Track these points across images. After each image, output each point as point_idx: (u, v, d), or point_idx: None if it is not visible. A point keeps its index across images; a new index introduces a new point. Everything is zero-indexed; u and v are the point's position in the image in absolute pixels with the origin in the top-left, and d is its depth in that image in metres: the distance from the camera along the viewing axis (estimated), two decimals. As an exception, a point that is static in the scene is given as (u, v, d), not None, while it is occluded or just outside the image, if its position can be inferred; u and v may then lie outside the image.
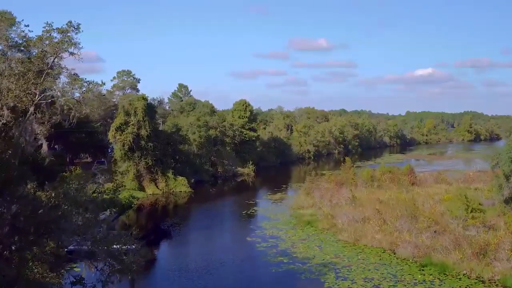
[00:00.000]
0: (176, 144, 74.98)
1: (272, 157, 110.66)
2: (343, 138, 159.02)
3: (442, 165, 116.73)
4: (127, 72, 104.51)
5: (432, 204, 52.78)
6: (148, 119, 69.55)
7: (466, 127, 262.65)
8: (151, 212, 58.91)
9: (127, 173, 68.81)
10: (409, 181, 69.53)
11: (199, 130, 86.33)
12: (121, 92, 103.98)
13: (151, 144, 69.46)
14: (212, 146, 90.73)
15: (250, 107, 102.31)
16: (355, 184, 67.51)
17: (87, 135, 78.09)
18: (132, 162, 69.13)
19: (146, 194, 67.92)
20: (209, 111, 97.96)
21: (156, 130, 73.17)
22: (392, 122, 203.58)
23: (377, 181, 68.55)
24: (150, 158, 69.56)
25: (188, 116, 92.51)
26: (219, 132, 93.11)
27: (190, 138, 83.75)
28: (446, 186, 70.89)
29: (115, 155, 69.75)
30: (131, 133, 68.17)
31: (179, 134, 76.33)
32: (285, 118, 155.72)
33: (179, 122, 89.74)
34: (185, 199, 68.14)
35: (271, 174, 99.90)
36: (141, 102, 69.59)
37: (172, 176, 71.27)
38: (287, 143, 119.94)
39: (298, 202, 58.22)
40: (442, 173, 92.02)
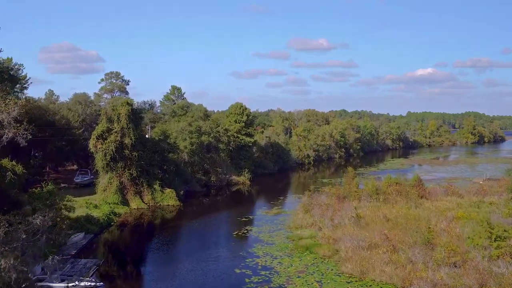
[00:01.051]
0: (164, 153, 69.05)
1: (269, 163, 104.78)
2: (344, 142, 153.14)
3: (448, 172, 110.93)
4: (116, 73, 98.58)
5: (446, 225, 47.06)
6: (132, 126, 63.68)
7: (469, 129, 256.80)
8: (133, 232, 52.98)
9: (109, 185, 62.90)
10: (417, 194, 63.72)
11: (191, 136, 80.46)
12: (109, 95, 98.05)
13: (135, 153, 63.62)
14: (205, 153, 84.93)
15: (247, 111, 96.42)
16: (359, 198, 61.82)
17: (68, 143, 72.06)
18: (115, 174, 63.27)
19: (130, 209, 62.02)
20: (202, 115, 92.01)
21: (142, 138, 67.28)
22: (394, 124, 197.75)
23: (383, 194, 62.70)
24: (134, 169, 63.72)
25: (180, 121, 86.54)
26: (213, 138, 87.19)
27: (181, 146, 77.89)
28: (457, 198, 65.30)
29: (96, 165, 63.88)
30: (113, 141, 62.34)
31: (167, 142, 70.34)
32: (284, 121, 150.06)
33: (169, 127, 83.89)
34: (172, 214, 62.29)
35: (268, 183, 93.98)
36: (125, 107, 63.70)
37: (159, 188, 65.40)
38: (286, 148, 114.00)
39: (295, 220, 52.36)
40: (452, 183, 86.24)
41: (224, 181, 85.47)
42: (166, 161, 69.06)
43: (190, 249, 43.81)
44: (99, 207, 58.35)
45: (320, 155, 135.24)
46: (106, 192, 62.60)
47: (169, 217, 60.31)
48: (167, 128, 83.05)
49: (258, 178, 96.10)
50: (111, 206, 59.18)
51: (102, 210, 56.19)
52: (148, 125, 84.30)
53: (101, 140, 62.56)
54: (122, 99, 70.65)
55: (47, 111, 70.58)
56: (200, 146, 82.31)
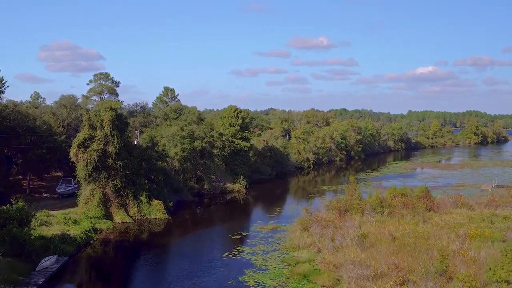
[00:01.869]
0: (152, 161, 64.20)
1: (267, 168, 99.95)
2: (345, 144, 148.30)
3: (454, 177, 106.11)
4: (105, 74, 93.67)
5: (460, 246, 42.28)
6: (117, 133, 58.85)
7: (472, 129, 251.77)
8: (113, 251, 48.19)
9: (91, 197, 58.09)
10: (425, 206, 58.99)
11: (182, 141, 75.65)
12: (98, 97, 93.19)
13: (120, 162, 58.77)
14: (198, 159, 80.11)
15: (242, 114, 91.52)
16: (361, 211, 57.04)
17: (50, 150, 67.14)
18: (98, 185, 58.44)
19: (114, 223, 57.16)
20: (196, 118, 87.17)
21: (128, 145, 62.42)
22: (396, 125, 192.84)
23: (388, 207, 57.92)
24: (119, 180, 58.88)
25: (171, 125, 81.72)
26: (206, 142, 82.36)
27: (171, 152, 73.10)
28: (467, 211, 60.72)
29: (77, 176, 59.10)
30: (96, 150, 57.52)
31: (155, 150, 65.44)
32: (283, 122, 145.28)
33: (160, 132, 79.15)
34: (160, 228, 57.54)
35: (265, 190, 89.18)
36: (108, 113, 58.84)
37: (146, 200, 60.56)
38: (284, 153, 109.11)
39: (292, 239, 47.55)
40: (459, 192, 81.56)
41: (218, 189, 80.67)
42: (154, 170, 64.23)
43: (172, 276, 38.95)
44: (79, 222, 53.59)
45: (320, 158, 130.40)
46: (87, 205, 57.79)
47: (155, 232, 55.50)
48: (157, 133, 78.34)
49: (255, 184, 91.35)
50: (92, 221, 54.35)
51: (81, 226, 51.39)
52: (138, 129, 79.43)
53: (83, 148, 57.75)
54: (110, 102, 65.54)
55: (27, 116, 65.75)
56: (192, 152, 77.53)
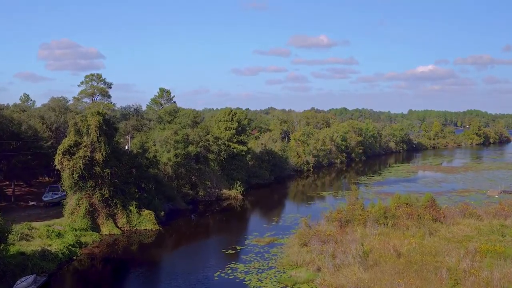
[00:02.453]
0: (142, 168, 60.83)
1: (265, 172, 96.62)
2: (345, 146, 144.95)
3: (458, 181, 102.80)
4: (97, 76, 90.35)
5: (470, 265, 38.98)
6: (104, 139, 55.49)
7: (474, 129, 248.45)
8: (97, 268, 44.85)
9: (77, 208, 54.76)
10: (431, 217, 55.71)
11: (176, 146, 72.30)
12: (90, 99, 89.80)
13: (108, 170, 55.43)
14: (192, 164, 76.81)
15: (237, 116, 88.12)
16: (364, 222, 53.72)
17: (36, 157, 63.75)
18: (84, 194, 55.11)
19: (101, 235, 53.80)
20: (191, 122, 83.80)
21: (117, 152, 59.07)
22: (398, 126, 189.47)
23: (392, 218, 54.58)
24: (107, 189, 55.55)
25: (165, 128, 78.37)
26: (202, 147, 79.05)
27: (164, 158, 69.78)
28: (475, 221, 57.41)
29: (63, 185, 55.79)
30: (82, 157, 54.17)
31: (145, 156, 62.04)
32: (282, 124, 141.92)
33: (153, 136, 75.84)
34: (150, 240, 54.25)
35: (262, 195, 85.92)
36: (95, 118, 55.47)
37: (136, 209, 57.24)
38: (283, 156, 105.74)
39: (290, 255, 44.25)
40: (465, 198, 78.34)
41: (214, 196, 77.30)
42: (145, 178, 60.85)
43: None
44: (63, 235, 50.25)
45: (320, 161, 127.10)
46: (73, 216, 54.44)
47: (144, 246, 52.18)
48: (149, 138, 75.07)
49: (252, 190, 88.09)
50: (77, 234, 51.02)
51: (64, 240, 48.03)
52: (130, 134, 76.09)
53: (68, 156, 54.39)
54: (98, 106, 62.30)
55: (11, 121, 62.42)
56: (187, 157, 74.20)
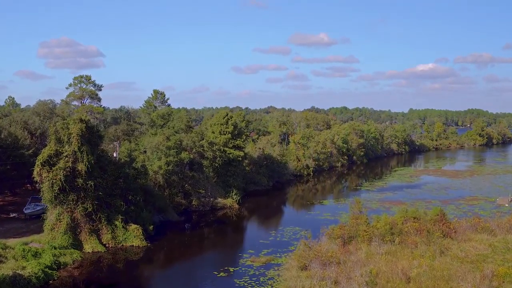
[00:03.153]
0: (130, 179, 56.50)
1: (262, 178, 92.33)
2: (347, 148, 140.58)
3: (465, 187, 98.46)
4: (86, 78, 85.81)
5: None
6: (87, 148, 51.20)
7: (477, 130, 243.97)
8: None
9: (58, 223, 50.50)
10: (441, 232, 51.54)
11: (167, 153, 67.95)
12: (79, 102, 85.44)
13: (91, 182, 51.17)
14: (186, 171, 72.53)
15: (233, 120, 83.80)
16: (369, 239, 49.50)
17: (15, 166, 59.41)
18: (66, 208, 50.85)
19: (83, 254, 49.49)
20: (184, 126, 79.44)
21: (102, 161, 54.75)
22: (400, 127, 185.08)
23: (398, 234, 50.33)
24: (90, 202, 51.28)
25: (156, 133, 74.05)
26: (196, 152, 74.74)
27: (154, 166, 65.49)
28: (488, 237, 53.24)
29: (43, 198, 51.53)
30: (63, 168, 49.91)
31: (132, 167, 57.66)
32: (282, 126, 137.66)
33: (143, 142, 71.52)
34: (138, 257, 50.18)
35: (260, 204, 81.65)
36: (76, 126, 51.19)
37: (122, 224, 52.97)
38: (282, 161, 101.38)
39: (288, 280, 39.92)
40: (474, 208, 74.09)
41: (208, 205, 72.99)
42: (132, 189, 56.51)
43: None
44: (40, 254, 45.99)
45: (320, 165, 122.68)
46: (53, 232, 50.20)
47: (130, 264, 47.95)
48: (140, 144, 70.79)
49: (250, 197, 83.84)
50: (56, 253, 46.73)
51: (41, 261, 43.74)
52: (119, 140, 71.77)
53: (47, 167, 50.10)
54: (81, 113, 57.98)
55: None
56: (179, 164, 69.90)
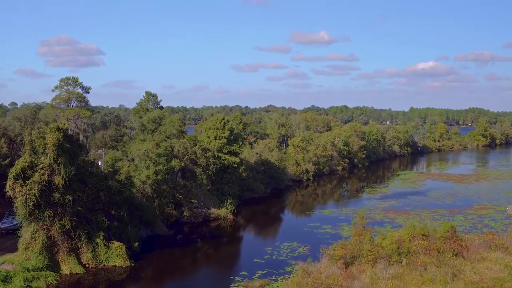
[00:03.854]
0: (113, 192, 52.01)
1: (260, 185, 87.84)
2: (348, 151, 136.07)
3: (472, 193, 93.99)
4: (74, 79, 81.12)
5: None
6: (64, 159, 46.72)
7: (481, 130, 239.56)
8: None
9: (33, 242, 46.09)
10: (452, 251, 47.15)
11: (157, 161, 63.51)
12: (65, 105, 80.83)
13: (69, 197, 46.73)
14: (178, 179, 68.15)
15: (229, 125, 79.32)
16: (374, 260, 45.08)
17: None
18: (41, 225, 46.44)
19: (60, 276, 45.08)
20: (176, 131, 74.95)
21: (83, 173, 50.29)
22: (402, 128, 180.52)
23: (406, 254, 45.92)
24: (68, 218, 46.86)
25: (145, 140, 69.56)
26: (188, 160, 70.30)
27: (142, 176, 61.03)
28: (503, 255, 49.07)
29: (17, 214, 47.12)
30: (38, 182, 45.46)
31: (115, 179, 53.08)
32: (280, 128, 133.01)
33: (131, 149, 67.05)
34: (120, 278, 46.14)
35: (256, 214, 77.22)
36: (53, 135, 46.69)
37: (104, 242, 48.55)
38: (280, 167, 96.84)
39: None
40: (483, 219, 69.67)
41: (201, 216, 68.54)
42: (116, 203, 52.05)
43: None
44: (11, 278, 41.65)
45: (320, 169, 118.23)
46: (28, 252, 45.83)
47: (112, 287, 43.63)
48: (128, 151, 66.32)
49: (246, 205, 79.46)
50: (29, 276, 42.33)
51: (10, 287, 39.41)
52: (105, 147, 67.31)
53: (21, 180, 45.64)
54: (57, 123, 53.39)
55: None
56: (170, 172, 65.48)
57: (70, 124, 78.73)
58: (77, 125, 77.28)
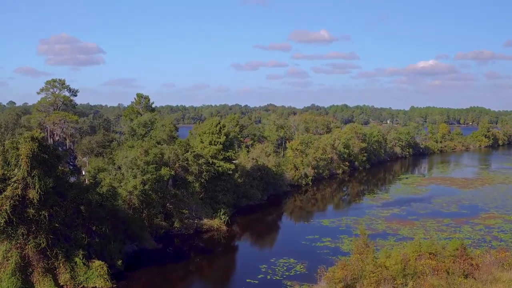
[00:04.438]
0: (93, 206, 48.05)
1: (256, 192, 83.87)
2: (348, 154, 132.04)
3: (478, 200, 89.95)
4: (60, 82, 77.06)
5: None
6: (39, 172, 42.80)
7: (483, 131, 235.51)
8: None
9: (5, 262, 42.20)
10: (462, 272, 43.27)
11: (145, 169, 59.56)
12: (52, 108, 76.77)
13: (45, 212, 42.82)
14: (169, 188, 64.22)
15: (225, 129, 75.36)
16: (377, 282, 41.16)
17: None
18: (14, 244, 42.53)
19: (33, 299, 41.29)
20: (166, 136, 71.02)
21: (61, 186, 46.38)
22: (404, 129, 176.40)
23: (412, 275, 42.01)
24: (44, 236, 42.96)
25: (133, 146, 65.60)
26: (179, 167, 66.42)
27: (128, 186, 57.11)
28: (517, 275, 44.72)
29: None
30: (10, 197, 41.55)
31: (96, 192, 48.99)
32: (279, 130, 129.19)
33: (119, 156, 63.09)
34: (100, 302, 41.87)
35: (251, 224, 73.37)
36: (27, 145, 42.74)
37: (83, 261, 44.65)
38: (277, 172, 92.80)
39: None
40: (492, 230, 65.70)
41: (192, 228, 64.64)
42: (97, 218, 48.09)
43: None
44: (-22, 304, 37.82)
45: (320, 173, 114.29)
46: (0, 273, 41.95)
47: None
48: (116, 158, 62.37)
49: (241, 214, 75.65)
50: (-3, 301, 38.54)
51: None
52: (89, 154, 63.36)
53: (-9, 195, 41.71)
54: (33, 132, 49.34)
55: None
56: (159, 181, 61.54)
57: (56, 129, 74.82)
58: (63, 129, 73.39)
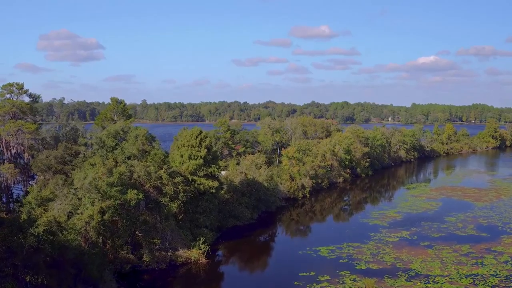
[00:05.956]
0: (26, 251, 37.82)
1: (245, 211, 73.69)
2: (350, 160, 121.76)
3: (494, 217, 79.77)
4: (18, 86, 66.70)
5: None
6: None
7: (490, 131, 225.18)
8: None
9: None
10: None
11: (107, 193, 49.43)
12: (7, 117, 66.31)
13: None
14: (136, 213, 54.07)
15: (207, 142, 65.12)
16: None
17: None
18: None
19: None
20: (138, 151, 60.77)
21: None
22: (409, 132, 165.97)
23: None
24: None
25: (95, 164, 55.31)
26: (151, 187, 56.33)
27: (84, 215, 46.97)
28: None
29: None
30: None
31: (31, 232, 38.64)
32: (274, 134, 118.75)
33: (78, 176, 52.82)
34: None
35: (236, 253, 63.25)
36: None
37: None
38: (269, 187, 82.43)
39: None
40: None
41: (165, 261, 54.47)
42: (33, 266, 37.86)
43: None
44: None
45: (318, 183, 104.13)
46: None
47: None
48: (75, 177, 52.23)
49: (226, 237, 65.71)
50: None
51: None
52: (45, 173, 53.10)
53: None
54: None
55: None
56: (124, 206, 51.39)
57: (12, 141, 64.58)
58: (20, 142, 63.29)
